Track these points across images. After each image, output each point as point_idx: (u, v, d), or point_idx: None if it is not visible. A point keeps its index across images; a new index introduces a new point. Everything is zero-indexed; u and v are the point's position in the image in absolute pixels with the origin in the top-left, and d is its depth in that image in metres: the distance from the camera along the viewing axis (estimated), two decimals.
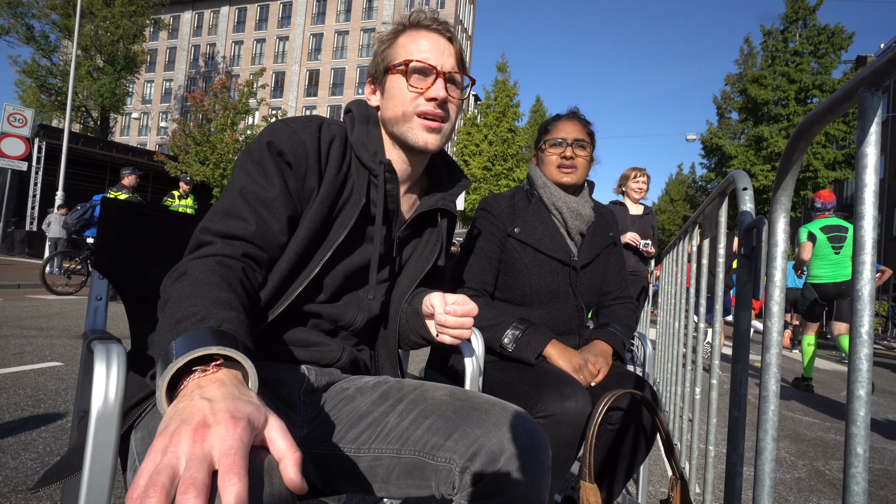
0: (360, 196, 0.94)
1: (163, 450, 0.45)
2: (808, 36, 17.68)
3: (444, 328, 0.94)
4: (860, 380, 0.57)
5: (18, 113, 12.67)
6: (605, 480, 1.39)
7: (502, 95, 23.43)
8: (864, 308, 0.58)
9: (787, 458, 2.83)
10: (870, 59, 17.75)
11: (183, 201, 8.19)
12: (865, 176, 0.58)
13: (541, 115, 28.02)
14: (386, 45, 0.99)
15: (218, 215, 0.83)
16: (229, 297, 0.69)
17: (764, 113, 18.57)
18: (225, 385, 0.52)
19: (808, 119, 0.72)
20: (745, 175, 1.14)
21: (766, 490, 0.83)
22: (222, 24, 42.75)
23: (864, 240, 0.58)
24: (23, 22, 22.24)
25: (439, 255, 1.07)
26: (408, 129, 0.96)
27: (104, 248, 1.02)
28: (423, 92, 0.94)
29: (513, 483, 0.76)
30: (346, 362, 0.99)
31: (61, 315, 5.60)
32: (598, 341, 1.48)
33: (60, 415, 2.48)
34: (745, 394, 1.05)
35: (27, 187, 14.82)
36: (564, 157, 1.51)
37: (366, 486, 0.84)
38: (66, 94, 19.29)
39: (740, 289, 1.06)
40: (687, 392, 1.92)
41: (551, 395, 1.21)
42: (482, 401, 0.84)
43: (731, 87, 20.45)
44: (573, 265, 1.52)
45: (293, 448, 0.50)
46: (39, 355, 3.64)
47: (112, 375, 0.68)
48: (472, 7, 45.16)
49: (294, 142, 0.87)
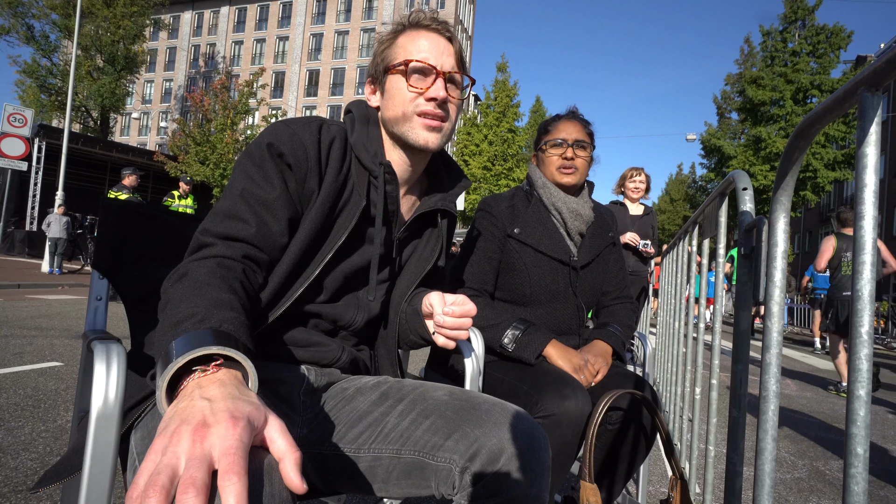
0: (361, 197, 0.94)
1: (162, 450, 0.45)
2: (806, 36, 17.69)
3: (442, 328, 0.93)
4: (860, 380, 0.57)
5: (18, 113, 12.66)
6: (605, 480, 1.39)
7: (502, 95, 23.42)
8: (864, 308, 0.58)
9: (787, 458, 2.83)
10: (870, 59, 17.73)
11: (183, 201, 8.20)
12: (865, 176, 0.58)
13: (541, 116, 28.01)
14: (386, 45, 0.99)
15: (218, 217, 0.83)
16: (229, 298, 0.69)
17: (763, 113, 18.58)
18: (225, 385, 0.52)
19: (808, 119, 0.72)
20: (745, 175, 1.14)
21: (766, 490, 0.83)
22: (222, 24, 42.75)
23: (864, 240, 0.58)
24: (23, 22, 22.26)
25: (439, 256, 1.07)
26: (408, 129, 0.95)
27: (104, 248, 1.02)
28: (423, 92, 0.94)
29: (513, 483, 0.76)
30: (345, 362, 0.99)
31: (61, 315, 5.60)
32: (597, 341, 1.48)
33: (60, 415, 2.48)
34: (745, 394, 1.05)
35: (27, 187, 14.82)
36: (565, 158, 1.51)
37: (366, 486, 0.84)
38: (66, 94, 19.29)
39: (740, 289, 1.05)
40: (687, 392, 1.92)
41: (551, 395, 1.21)
42: (482, 401, 0.84)
43: (730, 87, 20.46)
44: (573, 265, 1.52)
45: (293, 448, 0.50)
46: (39, 355, 3.64)
47: (112, 375, 0.68)
48: (472, 7, 45.16)
49: (294, 143, 0.87)
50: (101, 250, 1.02)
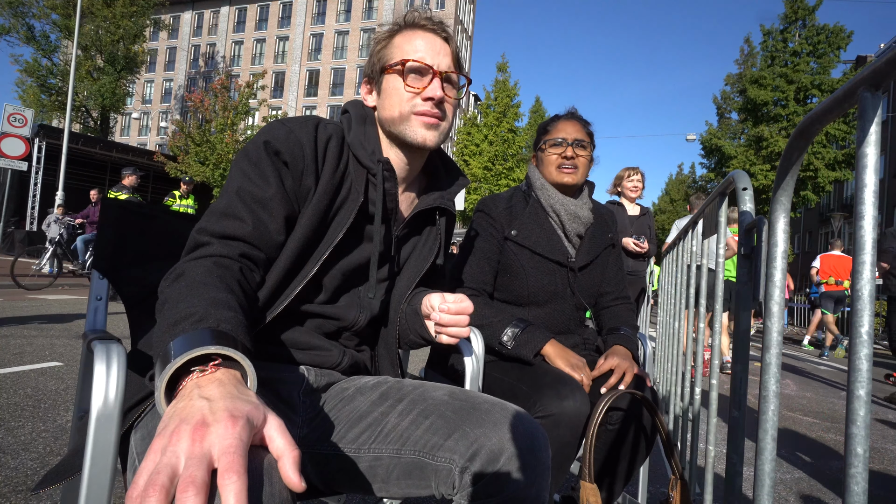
0: (359, 195, 0.94)
1: (162, 449, 0.45)
2: (807, 36, 17.70)
3: (441, 326, 0.94)
4: (860, 380, 0.57)
5: (18, 113, 12.66)
6: (606, 480, 1.39)
7: (502, 95, 23.43)
8: (864, 308, 0.58)
9: (787, 457, 2.83)
10: (870, 59, 17.77)
11: (184, 201, 8.22)
12: (865, 176, 0.58)
13: (541, 116, 28.02)
14: (382, 45, 0.99)
15: (215, 216, 0.82)
16: (227, 297, 0.69)
17: (763, 113, 18.58)
18: (224, 384, 0.52)
19: (809, 119, 0.72)
20: (745, 175, 1.14)
21: (766, 490, 0.83)
22: (222, 24, 42.75)
23: (863, 240, 0.58)
24: (23, 22, 22.27)
25: (438, 254, 1.07)
26: (406, 128, 0.96)
27: (104, 248, 1.02)
28: (420, 92, 0.94)
29: (513, 483, 0.76)
30: (346, 366, 0.99)
31: (61, 315, 5.60)
32: (618, 346, 1.46)
33: (60, 415, 2.48)
34: (745, 394, 1.05)
35: (27, 187, 14.81)
36: (565, 157, 1.51)
37: (365, 486, 0.84)
38: (67, 94, 19.29)
39: (740, 289, 1.05)
40: (687, 392, 1.92)
41: (549, 395, 1.21)
42: (482, 401, 0.84)
43: (730, 87, 20.47)
44: (571, 266, 1.52)
45: (292, 446, 0.50)
46: (39, 355, 3.64)
47: (112, 375, 0.68)
48: (472, 7, 45.14)
49: (290, 141, 0.87)
50: (101, 250, 1.02)
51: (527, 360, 1.37)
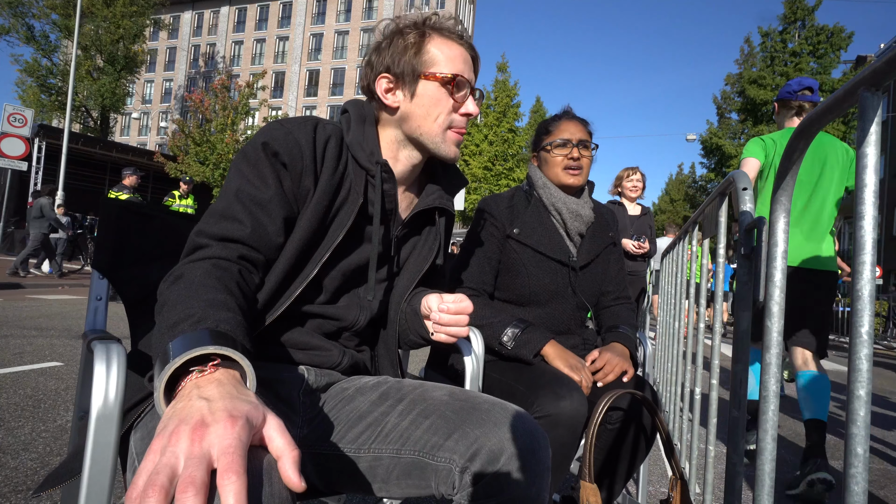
0: (358, 196, 0.94)
1: (161, 449, 0.45)
2: (806, 36, 17.71)
3: (440, 326, 0.94)
4: (860, 380, 0.57)
5: (18, 113, 12.66)
6: (606, 480, 1.39)
7: (502, 95, 23.45)
8: (863, 308, 0.58)
9: (787, 458, 2.83)
10: (870, 59, 17.74)
11: (183, 201, 8.22)
12: (865, 176, 0.58)
13: (541, 116, 28.02)
14: (414, 48, 0.96)
15: (214, 217, 0.82)
16: (226, 298, 0.69)
17: (763, 113, 18.58)
18: (223, 385, 0.52)
19: (808, 119, 0.72)
20: (745, 175, 1.14)
21: (766, 490, 0.83)
22: (222, 24, 42.76)
23: (863, 240, 0.58)
24: (23, 22, 22.29)
25: (438, 254, 1.07)
26: (440, 141, 0.97)
27: (104, 248, 1.02)
28: (461, 107, 0.97)
29: (513, 483, 0.76)
30: (346, 366, 0.99)
31: (61, 315, 5.60)
32: (615, 344, 1.46)
33: (60, 415, 2.48)
34: (745, 394, 1.05)
35: (27, 187, 14.81)
36: (571, 159, 1.51)
37: (365, 486, 0.84)
38: (66, 94, 19.29)
39: (740, 289, 1.05)
40: (687, 392, 1.92)
41: (547, 395, 1.21)
42: (482, 401, 0.84)
43: (731, 87, 20.47)
44: (572, 265, 1.52)
45: (291, 446, 0.50)
46: (39, 355, 3.64)
47: (112, 375, 0.67)
48: (472, 7, 45.15)
49: (289, 142, 0.87)
50: (101, 250, 1.02)
51: (527, 360, 1.37)
